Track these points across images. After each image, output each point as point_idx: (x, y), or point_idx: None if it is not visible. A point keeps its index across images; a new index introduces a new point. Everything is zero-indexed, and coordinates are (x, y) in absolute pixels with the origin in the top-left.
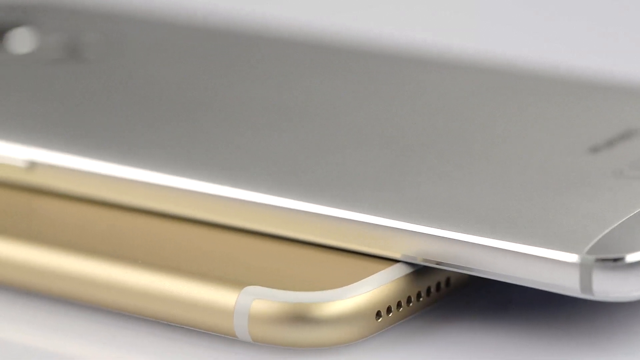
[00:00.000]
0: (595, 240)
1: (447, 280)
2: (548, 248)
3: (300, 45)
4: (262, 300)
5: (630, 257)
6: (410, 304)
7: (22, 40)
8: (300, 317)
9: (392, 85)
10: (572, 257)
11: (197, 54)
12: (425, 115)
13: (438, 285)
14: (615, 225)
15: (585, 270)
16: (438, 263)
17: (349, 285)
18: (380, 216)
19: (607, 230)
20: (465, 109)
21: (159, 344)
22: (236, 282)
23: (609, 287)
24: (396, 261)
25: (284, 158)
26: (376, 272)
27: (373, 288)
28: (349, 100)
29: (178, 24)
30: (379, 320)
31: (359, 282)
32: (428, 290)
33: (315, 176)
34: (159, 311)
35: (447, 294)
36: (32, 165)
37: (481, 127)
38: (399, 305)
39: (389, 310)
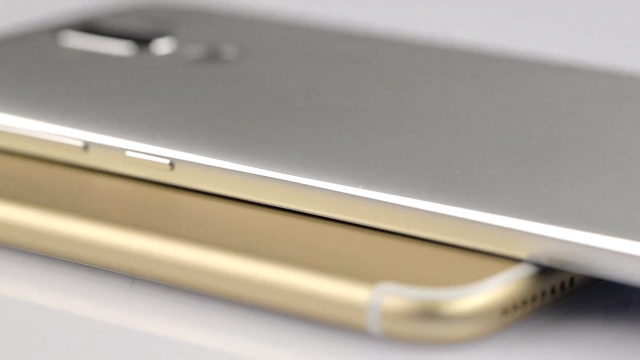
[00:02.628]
0: None
1: (572, 280)
2: None
3: (427, 49)
4: (395, 296)
5: None
6: (535, 302)
7: (164, 47)
8: (432, 313)
9: (516, 88)
10: None
11: (328, 57)
12: (550, 117)
13: (562, 284)
14: None
15: None
16: (563, 264)
17: (479, 283)
18: (508, 216)
19: None
20: (590, 112)
21: (288, 335)
22: (368, 278)
23: None
24: (521, 261)
25: (413, 160)
26: (504, 270)
27: (502, 286)
28: (474, 104)
29: (310, 29)
30: (506, 317)
31: (489, 279)
32: (553, 290)
33: (444, 177)
34: (293, 305)
35: (570, 293)
36: (173, 165)
37: (606, 130)
38: (524, 303)
39: (515, 307)
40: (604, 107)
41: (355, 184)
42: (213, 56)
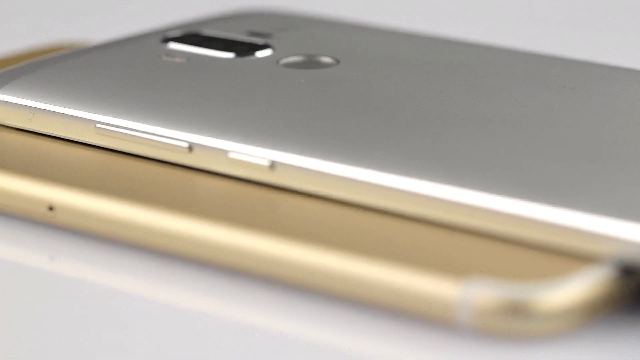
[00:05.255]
0: None
1: None
2: None
3: (512, 54)
4: (487, 290)
5: None
6: (618, 299)
7: (264, 52)
8: (526, 307)
9: (602, 93)
10: None
11: (419, 62)
12: (636, 120)
13: None
14: None
15: None
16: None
17: (568, 278)
18: (594, 215)
19: None
20: None
21: (372, 326)
22: (459, 272)
23: None
24: (603, 259)
25: (503, 161)
26: (587, 267)
27: (590, 281)
28: (560, 107)
29: (404, 34)
30: (591, 312)
31: (576, 275)
32: (636, 286)
33: (535, 178)
34: (386, 299)
35: None
36: (274, 166)
37: None
38: (608, 299)
39: (600, 303)
40: None
41: (445, 182)
42: (310, 61)
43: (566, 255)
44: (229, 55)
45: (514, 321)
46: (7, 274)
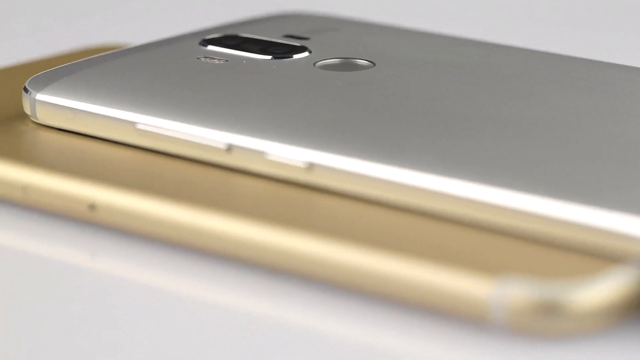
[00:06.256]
0: None
1: None
2: None
3: (542, 56)
4: (518, 289)
5: None
6: None
7: (301, 55)
8: (559, 306)
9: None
10: None
11: (452, 64)
12: None
13: None
14: None
15: None
16: None
17: (600, 277)
18: (629, 215)
19: None
20: None
21: (404, 323)
22: (491, 271)
23: None
24: (635, 258)
25: (537, 161)
26: (620, 266)
27: (622, 281)
28: (588, 108)
29: (438, 36)
30: (623, 312)
31: (609, 274)
32: None
33: (569, 178)
34: (418, 297)
35: None
36: (311, 166)
37: None
38: None
39: (633, 302)
40: None
41: (482, 182)
42: (346, 63)
43: (598, 255)
44: (267, 57)
45: (546, 320)
46: (48, 270)
